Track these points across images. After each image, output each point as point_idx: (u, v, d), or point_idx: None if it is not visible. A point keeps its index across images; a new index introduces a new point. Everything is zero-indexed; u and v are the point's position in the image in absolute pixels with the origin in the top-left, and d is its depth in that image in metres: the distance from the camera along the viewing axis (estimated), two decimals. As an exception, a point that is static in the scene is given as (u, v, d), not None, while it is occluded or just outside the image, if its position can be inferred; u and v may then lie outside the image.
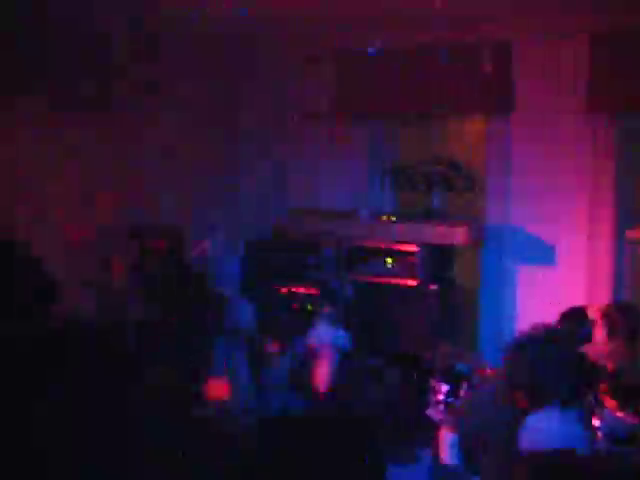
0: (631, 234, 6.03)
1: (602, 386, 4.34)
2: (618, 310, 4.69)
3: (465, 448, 3.64)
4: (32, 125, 5.50)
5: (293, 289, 6.13)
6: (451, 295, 6.14)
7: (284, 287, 6.22)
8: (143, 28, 5.76)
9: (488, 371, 4.74)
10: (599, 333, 4.60)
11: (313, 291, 6.11)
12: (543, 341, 3.42)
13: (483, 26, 6.02)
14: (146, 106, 6.14)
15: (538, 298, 6.10)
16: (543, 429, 3.25)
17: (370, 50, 4.32)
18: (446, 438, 3.78)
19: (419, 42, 6.17)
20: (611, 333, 4.61)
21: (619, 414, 4.19)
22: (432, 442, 3.71)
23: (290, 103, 7.11)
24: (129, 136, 6.06)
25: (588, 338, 4.63)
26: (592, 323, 4.65)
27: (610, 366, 4.79)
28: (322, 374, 4.62)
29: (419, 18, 5.47)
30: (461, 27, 5.91)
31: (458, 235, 5.93)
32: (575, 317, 4.86)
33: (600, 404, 4.14)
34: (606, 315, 4.60)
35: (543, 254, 6.18)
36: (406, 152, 6.97)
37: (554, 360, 3.35)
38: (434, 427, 4.00)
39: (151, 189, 6.12)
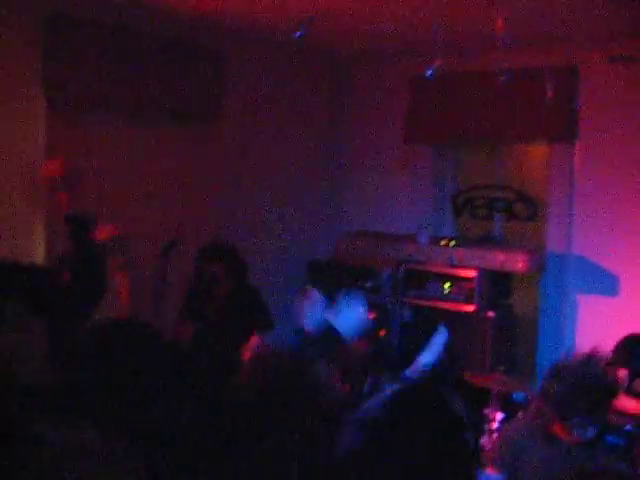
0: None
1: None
2: None
3: None
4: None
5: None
6: (509, 322, 6.06)
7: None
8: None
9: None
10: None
11: (371, 315, 6.08)
12: (576, 369, 3.32)
13: (547, 50, 5.98)
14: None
15: (599, 328, 5.97)
16: None
17: (428, 72, 4.28)
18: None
19: (482, 68, 6.14)
20: None
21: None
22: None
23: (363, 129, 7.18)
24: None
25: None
26: None
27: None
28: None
29: (482, 43, 5.44)
30: (524, 51, 5.87)
31: (518, 262, 5.85)
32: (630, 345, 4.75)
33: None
34: None
35: (605, 284, 6.06)
36: (468, 177, 6.94)
37: (584, 387, 3.25)
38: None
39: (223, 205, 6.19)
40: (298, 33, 3.93)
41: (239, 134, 6.31)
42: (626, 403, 4.33)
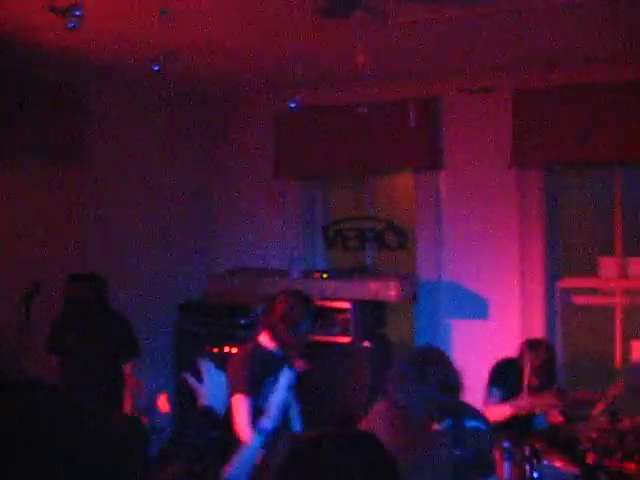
0: (561, 284, 6.09)
1: (538, 439, 4.34)
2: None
3: None
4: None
5: (225, 350, 6.01)
6: (385, 351, 6.08)
7: (217, 348, 6.10)
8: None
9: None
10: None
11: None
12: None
13: (410, 82, 6.10)
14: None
15: (473, 352, 6.08)
16: None
17: (291, 105, 4.28)
18: None
19: (346, 100, 6.20)
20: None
21: (558, 464, 4.18)
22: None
23: (225, 163, 7.12)
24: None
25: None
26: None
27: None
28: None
29: (344, 76, 5.51)
30: (388, 83, 5.97)
31: (390, 291, 5.90)
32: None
33: (537, 456, 4.12)
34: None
35: (476, 308, 6.19)
36: (338, 209, 6.99)
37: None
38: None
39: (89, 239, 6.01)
40: (155, 67, 3.87)
41: (106, 175, 6.15)
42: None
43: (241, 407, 4.07)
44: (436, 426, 3.34)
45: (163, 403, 4.69)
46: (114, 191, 6.24)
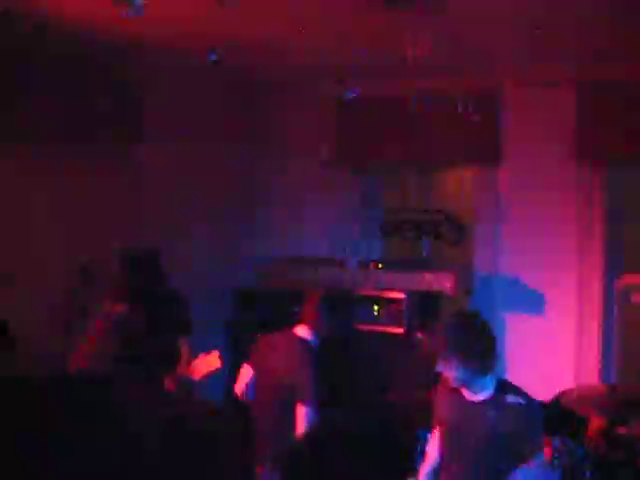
0: (620, 282, 6.01)
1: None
2: None
3: None
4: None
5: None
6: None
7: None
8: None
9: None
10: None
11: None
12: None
13: (471, 75, 6.08)
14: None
15: (527, 347, 6.07)
16: None
17: (348, 94, 4.32)
18: None
19: (407, 92, 6.20)
20: None
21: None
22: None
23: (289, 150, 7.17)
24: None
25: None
26: None
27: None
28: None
29: (406, 68, 5.51)
30: (447, 76, 5.97)
31: (446, 283, 5.90)
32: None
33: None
34: None
35: (532, 302, 6.15)
36: (396, 200, 6.99)
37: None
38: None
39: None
40: (212, 57, 3.93)
41: (157, 161, 6.21)
42: None
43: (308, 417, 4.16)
44: (479, 396, 3.49)
45: (215, 359, 4.76)
46: (166, 178, 6.31)
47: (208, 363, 4.84)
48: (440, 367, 3.52)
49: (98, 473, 1.99)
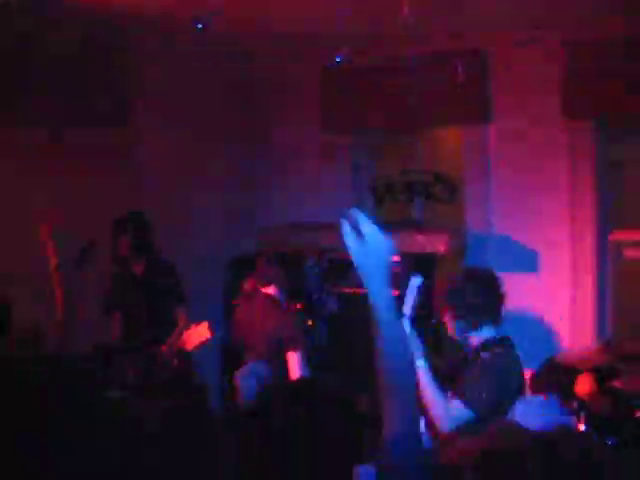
0: (613, 236, 6.04)
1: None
2: None
3: None
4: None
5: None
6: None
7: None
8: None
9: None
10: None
11: (298, 305, 6.07)
12: None
13: (457, 35, 6.05)
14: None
15: (522, 305, 6.10)
16: None
17: (337, 59, 4.30)
18: None
19: (393, 54, 6.19)
20: None
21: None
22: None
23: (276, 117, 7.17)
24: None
25: None
26: None
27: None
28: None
29: (392, 30, 5.48)
30: (434, 36, 5.94)
31: (439, 244, 5.92)
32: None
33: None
34: None
35: (526, 261, 6.18)
36: (386, 163, 7.00)
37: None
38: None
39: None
40: (199, 25, 3.91)
41: (153, 133, 6.24)
42: None
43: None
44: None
45: (204, 330, 4.86)
46: (164, 149, 6.33)
47: (199, 334, 4.95)
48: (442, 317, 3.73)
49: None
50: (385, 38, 5.97)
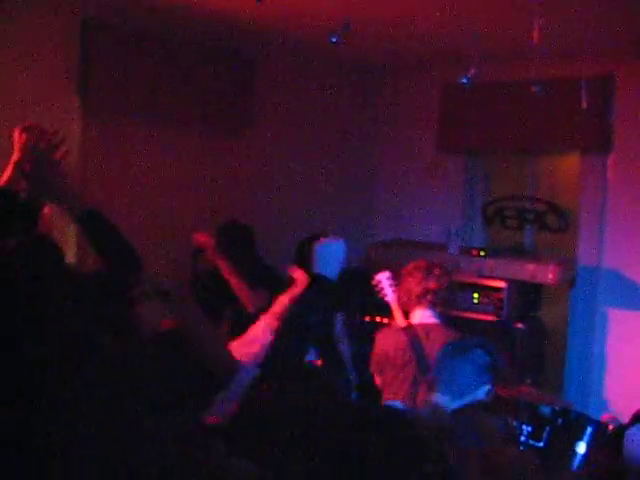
0: None
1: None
2: None
3: None
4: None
5: (377, 319, 6.09)
6: (537, 334, 6.01)
7: (368, 317, 6.20)
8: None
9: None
10: None
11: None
12: None
13: (582, 59, 5.92)
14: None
15: (629, 342, 5.93)
16: None
17: (464, 80, 4.25)
18: None
19: (515, 77, 6.09)
20: None
21: None
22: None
23: (388, 133, 7.16)
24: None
25: None
26: None
27: None
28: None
29: (516, 52, 5.42)
30: (560, 60, 5.82)
31: (549, 274, 5.79)
32: None
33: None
34: None
35: (636, 298, 6.00)
36: (499, 187, 6.90)
37: None
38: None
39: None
40: (334, 38, 3.92)
41: (269, 143, 6.31)
42: None
43: None
44: None
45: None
46: (277, 159, 6.39)
47: None
48: None
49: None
50: (511, 60, 5.89)
